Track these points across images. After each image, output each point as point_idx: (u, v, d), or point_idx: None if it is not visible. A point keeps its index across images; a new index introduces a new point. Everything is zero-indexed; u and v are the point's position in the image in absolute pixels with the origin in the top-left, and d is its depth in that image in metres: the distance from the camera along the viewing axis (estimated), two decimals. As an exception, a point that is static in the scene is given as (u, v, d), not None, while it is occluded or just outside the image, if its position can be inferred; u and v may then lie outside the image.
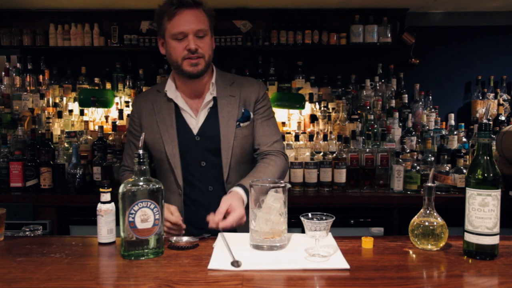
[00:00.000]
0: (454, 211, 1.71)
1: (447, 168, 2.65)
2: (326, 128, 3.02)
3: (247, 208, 1.42)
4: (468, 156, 2.79)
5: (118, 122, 2.96)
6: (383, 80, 3.30)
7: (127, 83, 3.27)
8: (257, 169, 1.65)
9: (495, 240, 1.26)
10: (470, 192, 1.27)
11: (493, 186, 1.25)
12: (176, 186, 1.67)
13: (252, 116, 1.71)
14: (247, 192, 1.51)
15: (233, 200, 1.48)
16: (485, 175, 1.25)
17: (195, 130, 1.66)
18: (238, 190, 1.54)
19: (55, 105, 3.15)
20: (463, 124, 3.01)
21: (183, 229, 1.55)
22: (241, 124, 1.68)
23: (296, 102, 3.07)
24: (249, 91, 1.72)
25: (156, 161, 1.73)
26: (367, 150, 2.75)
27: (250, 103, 1.71)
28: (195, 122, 1.67)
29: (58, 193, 2.66)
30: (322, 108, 3.10)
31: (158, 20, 1.61)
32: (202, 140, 1.65)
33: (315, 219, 1.26)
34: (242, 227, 1.66)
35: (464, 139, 2.93)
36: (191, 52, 1.56)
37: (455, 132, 2.95)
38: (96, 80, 3.27)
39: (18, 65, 3.34)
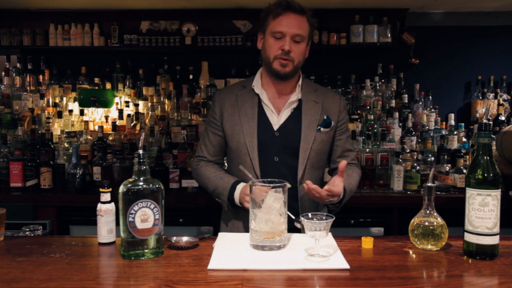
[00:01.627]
0: (454, 211, 1.70)
1: (447, 168, 2.65)
2: (326, 128, 3.02)
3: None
4: (468, 156, 2.79)
5: (118, 122, 2.96)
6: (383, 80, 3.30)
7: (127, 83, 3.27)
8: (347, 172, 1.74)
9: (495, 240, 1.26)
10: (470, 192, 1.28)
11: (493, 186, 1.25)
12: (255, 176, 1.70)
13: (333, 124, 1.77)
14: (343, 197, 1.63)
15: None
16: (485, 175, 1.26)
17: (275, 126, 1.72)
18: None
19: (55, 105, 3.15)
20: (463, 124, 3.01)
21: None
22: (322, 129, 1.74)
23: (296, 102, 3.06)
24: (331, 101, 1.80)
25: (233, 152, 1.77)
26: (367, 150, 2.75)
27: (332, 114, 1.78)
28: (276, 119, 1.74)
29: (58, 193, 2.66)
30: (322, 108, 3.10)
31: (264, 17, 1.71)
32: (281, 137, 1.71)
33: (315, 219, 1.26)
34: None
35: (464, 139, 2.93)
36: (284, 53, 1.64)
37: (455, 132, 2.95)
38: (96, 80, 3.27)
39: (18, 65, 3.34)
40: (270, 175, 1.67)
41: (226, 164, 1.93)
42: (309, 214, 1.28)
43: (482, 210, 1.25)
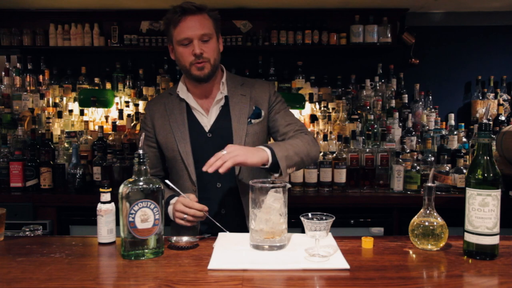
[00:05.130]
0: (454, 211, 1.71)
1: (447, 168, 2.65)
2: (326, 128, 3.02)
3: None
4: (468, 156, 2.79)
5: (118, 122, 2.96)
6: (383, 80, 3.30)
7: (127, 83, 3.27)
8: (285, 141, 1.68)
9: (495, 240, 1.26)
10: (470, 192, 1.27)
11: (493, 186, 1.25)
12: (191, 183, 1.71)
13: (263, 113, 1.75)
14: (272, 152, 1.53)
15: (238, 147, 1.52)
16: (485, 175, 1.25)
17: (207, 128, 1.71)
18: (262, 146, 1.56)
19: (55, 105, 3.15)
20: (463, 124, 3.01)
21: (206, 211, 1.54)
22: (253, 121, 1.72)
23: (296, 102, 3.07)
24: (259, 91, 1.77)
25: (170, 161, 1.77)
26: (367, 150, 2.75)
27: (262, 102, 1.75)
28: (206, 120, 1.72)
29: (58, 193, 2.66)
30: (322, 108, 3.10)
31: (166, 28, 1.68)
32: (215, 137, 1.70)
33: (315, 219, 1.26)
34: (241, 226, 1.66)
35: (464, 139, 2.93)
36: (197, 57, 1.61)
37: (455, 132, 2.95)
38: (96, 80, 3.26)
39: (18, 65, 3.34)
40: (207, 178, 1.66)
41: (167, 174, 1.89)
42: (309, 214, 1.28)
43: (482, 210, 1.25)
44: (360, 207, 2.60)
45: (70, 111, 3.11)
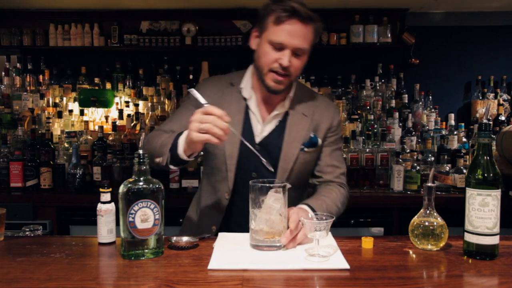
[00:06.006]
0: (454, 211, 1.70)
1: (447, 168, 2.65)
2: (326, 128, 3.02)
3: None
4: (468, 156, 2.79)
5: (118, 122, 2.96)
6: (383, 80, 3.30)
7: (127, 83, 3.27)
8: (320, 192, 1.57)
9: (495, 240, 1.26)
10: (470, 192, 1.27)
11: (493, 186, 1.25)
12: (226, 188, 1.57)
13: (319, 142, 1.59)
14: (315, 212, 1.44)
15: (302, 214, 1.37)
16: (485, 175, 1.25)
17: (257, 138, 1.55)
18: (307, 208, 1.44)
19: (55, 105, 3.15)
20: (463, 124, 3.01)
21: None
22: (306, 149, 1.56)
23: (296, 102, 3.06)
24: (323, 115, 1.60)
25: (208, 156, 1.60)
26: (367, 150, 2.75)
27: (322, 129, 1.59)
28: (260, 130, 1.56)
29: (58, 193, 2.66)
30: (322, 108, 3.10)
31: (264, 14, 1.48)
32: (261, 152, 1.51)
33: (315, 219, 1.26)
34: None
35: (464, 139, 2.93)
36: (282, 68, 1.44)
37: (455, 132, 2.95)
38: (96, 80, 3.27)
39: (18, 65, 3.34)
40: (244, 190, 1.49)
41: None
42: (309, 214, 1.28)
43: (482, 210, 1.25)
44: (360, 207, 2.60)
45: (70, 111, 3.11)
